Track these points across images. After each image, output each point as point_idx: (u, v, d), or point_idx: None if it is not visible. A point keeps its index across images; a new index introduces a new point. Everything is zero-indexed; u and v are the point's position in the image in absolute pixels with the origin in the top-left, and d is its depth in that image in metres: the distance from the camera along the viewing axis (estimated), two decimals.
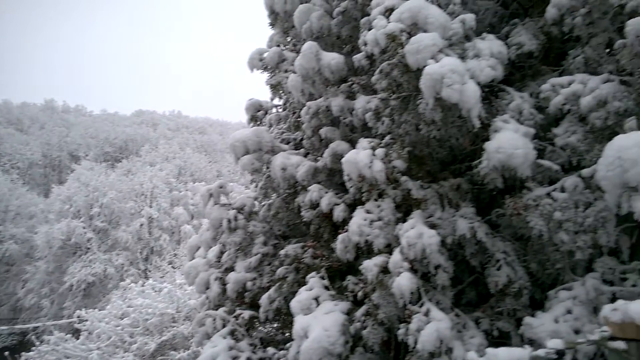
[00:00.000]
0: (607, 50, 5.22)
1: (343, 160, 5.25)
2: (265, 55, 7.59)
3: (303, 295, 5.44)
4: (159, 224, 43.39)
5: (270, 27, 8.01)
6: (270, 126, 9.13)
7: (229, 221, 7.11)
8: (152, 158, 58.13)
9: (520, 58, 5.90)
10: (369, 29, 5.51)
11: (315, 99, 6.72)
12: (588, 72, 5.36)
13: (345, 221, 5.70)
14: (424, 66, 4.85)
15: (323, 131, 6.43)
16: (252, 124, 9.33)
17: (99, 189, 40.86)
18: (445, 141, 5.86)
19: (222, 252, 7.61)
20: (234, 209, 7.34)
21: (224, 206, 7.40)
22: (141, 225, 41.81)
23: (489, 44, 5.30)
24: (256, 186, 7.78)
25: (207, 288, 7.32)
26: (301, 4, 7.81)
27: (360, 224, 5.17)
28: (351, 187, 5.39)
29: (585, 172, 4.56)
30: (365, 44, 5.53)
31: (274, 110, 9.24)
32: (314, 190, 6.06)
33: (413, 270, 4.86)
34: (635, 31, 4.22)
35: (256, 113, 9.22)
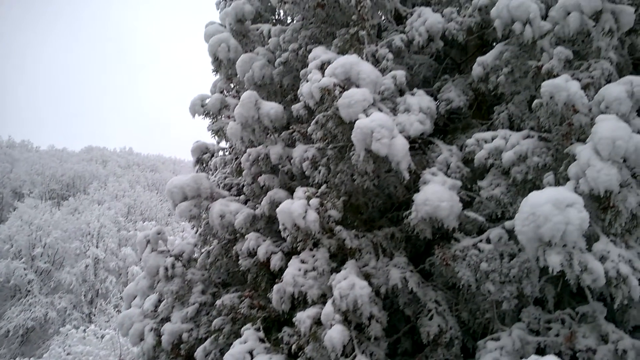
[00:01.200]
0: (529, 106, 5.54)
1: (278, 210, 5.26)
2: (207, 101, 7.62)
3: (237, 348, 5.31)
4: (106, 265, 41.74)
5: (214, 73, 8.07)
6: (216, 169, 9.09)
7: (166, 269, 6.93)
8: (100, 196, 56.45)
9: (450, 113, 6.18)
10: (306, 81, 5.65)
11: (256, 146, 6.76)
12: (512, 128, 5.68)
13: (282, 270, 5.66)
14: (356, 120, 5.00)
15: (262, 178, 6.44)
16: (197, 167, 9.27)
17: (42, 227, 39.10)
18: (381, 189, 6.01)
19: (159, 301, 7.37)
20: (172, 256, 7.17)
21: (161, 253, 7.22)
22: (86, 266, 40.10)
23: (419, 99, 5.53)
24: (196, 232, 7.65)
25: (142, 340, 7.03)
26: (245, 52, 7.97)
27: (294, 274, 5.15)
28: (287, 236, 5.39)
29: (508, 224, 4.74)
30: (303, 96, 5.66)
31: (221, 152, 9.22)
32: (251, 239, 6.02)
33: (346, 321, 4.85)
34: (549, 92, 4.50)
35: (202, 155, 9.18)
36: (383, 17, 6.69)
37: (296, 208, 5.11)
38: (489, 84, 5.59)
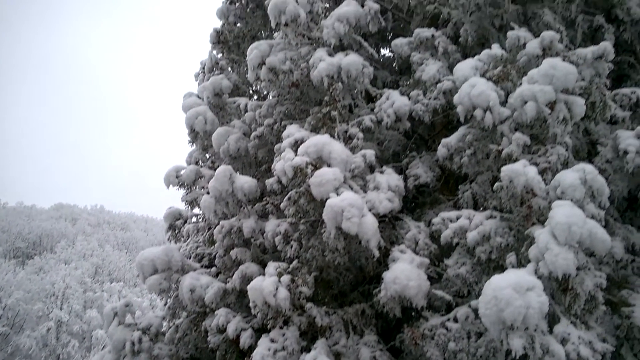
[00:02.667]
0: (492, 186, 5.80)
1: (249, 287, 5.27)
2: (182, 172, 7.73)
3: None
4: (69, 328, 39.88)
5: (190, 144, 8.24)
6: (188, 236, 9.05)
7: (133, 343, 6.74)
8: (67, 255, 54.76)
9: (418, 188, 6.41)
10: (280, 159, 5.83)
11: (229, 218, 6.83)
12: (476, 206, 5.92)
13: (252, 348, 5.58)
14: (327, 198, 5.16)
15: (234, 252, 6.47)
16: (170, 233, 9.21)
17: (4, 288, 37.49)
18: (352, 262, 6.09)
19: None
20: (139, 329, 6.99)
21: (128, 326, 7.04)
22: (48, 329, 38.23)
23: (387, 177, 5.75)
24: (165, 304, 7.52)
25: None
26: (221, 124, 8.20)
27: (264, 354, 5.09)
28: (257, 313, 5.37)
29: (474, 303, 4.85)
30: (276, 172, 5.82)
31: (194, 218, 9.22)
32: (221, 315, 5.96)
33: None
34: (509, 177, 4.76)
35: (175, 222, 9.13)
36: (354, 97, 7.01)
37: (267, 285, 5.13)
38: (454, 164, 5.85)
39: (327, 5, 7.28)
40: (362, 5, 7.14)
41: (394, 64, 8.69)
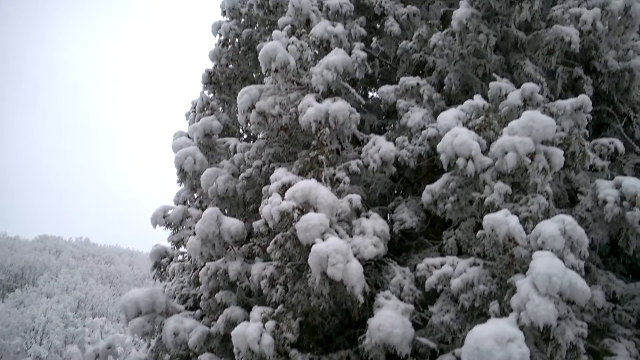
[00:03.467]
0: (475, 232, 5.89)
1: (233, 333, 5.25)
2: (169, 212, 7.75)
3: None
4: None
5: (179, 184, 8.28)
6: (174, 275, 8.98)
7: None
8: (50, 288, 53.60)
9: (403, 232, 6.48)
10: (267, 203, 5.89)
11: (215, 260, 6.82)
12: (460, 251, 5.99)
13: None
14: (313, 243, 5.21)
15: (219, 295, 6.45)
16: (155, 271, 9.13)
17: None
18: (338, 306, 6.08)
19: None
20: None
21: None
22: None
23: (373, 222, 5.83)
24: (148, 346, 7.41)
25: None
26: (210, 164, 8.28)
27: None
28: (241, 359, 5.32)
29: (457, 352, 4.86)
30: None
31: (180, 257, 9.17)
32: None
33: None
34: (491, 226, 4.86)
35: (160, 260, 9.08)
36: (341, 142, 7.14)
37: (251, 332, 5.11)
38: (438, 210, 5.95)
39: (317, 52, 7.47)
40: (350, 54, 7.38)
41: (381, 108, 8.88)
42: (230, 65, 10.47)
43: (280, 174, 6.28)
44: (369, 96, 10.41)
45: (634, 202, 5.34)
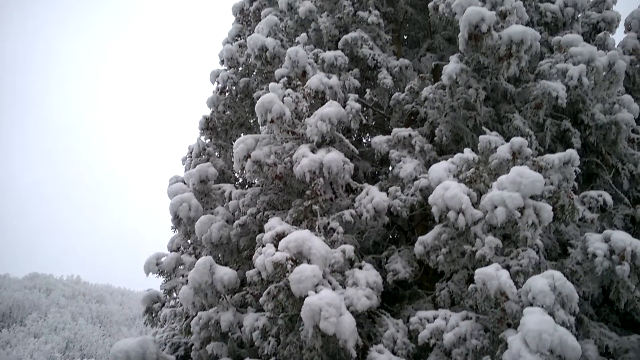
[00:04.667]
0: (468, 284, 5.92)
1: None
2: (163, 259, 7.75)
3: None
4: None
5: (173, 230, 8.31)
6: (165, 321, 8.89)
7: None
8: (38, 328, 52.47)
9: (397, 283, 6.50)
10: (260, 253, 5.93)
11: (207, 309, 6.79)
12: (453, 303, 6.00)
13: None
14: (306, 295, 5.22)
15: (211, 346, 6.40)
16: (147, 316, 9.03)
17: None
18: (331, 357, 6.02)
19: None
20: None
21: None
22: None
23: (366, 274, 5.86)
24: None
25: None
26: (205, 210, 8.34)
27: None
28: None
29: None
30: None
31: (172, 302, 9.09)
32: None
33: None
34: (482, 280, 4.91)
35: (152, 305, 8.99)
36: (335, 191, 7.24)
37: None
38: (430, 261, 6.00)
39: (312, 102, 7.65)
40: (344, 105, 7.57)
41: (375, 155, 9.03)
42: (227, 112, 10.70)
43: (275, 223, 6.34)
44: (363, 141, 10.62)
45: (623, 257, 5.42)
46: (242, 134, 11.37)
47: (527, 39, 6.57)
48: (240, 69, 10.69)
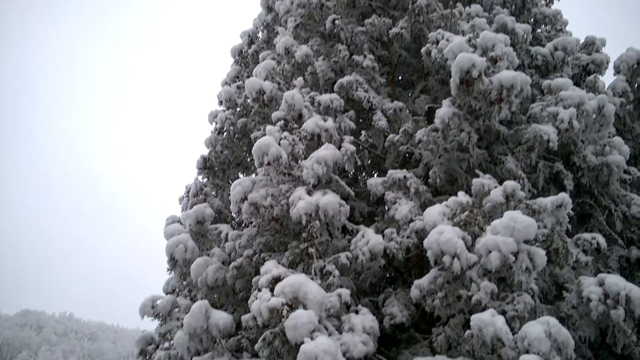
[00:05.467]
0: (464, 329, 5.90)
1: None
2: (158, 302, 7.70)
3: None
4: None
5: (169, 272, 8.28)
6: None
7: None
8: None
9: (393, 327, 6.46)
10: (256, 297, 5.91)
11: (202, 354, 6.71)
12: (450, 348, 5.96)
13: None
14: (302, 342, 5.19)
15: None
16: (140, 358, 8.89)
17: None
18: None
19: None
20: None
21: None
22: None
23: (362, 319, 5.84)
24: None
25: None
26: (202, 251, 8.33)
27: None
28: None
29: None
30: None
31: (167, 344, 8.96)
32: None
33: None
34: (478, 326, 4.91)
35: (146, 347, 8.86)
36: (331, 233, 7.27)
37: None
38: (427, 306, 5.99)
39: (309, 143, 7.76)
40: (340, 147, 7.69)
41: (371, 197, 9.11)
42: (225, 152, 10.82)
43: (271, 267, 6.35)
44: (359, 179, 10.71)
45: (617, 301, 5.43)
46: (239, 173, 11.48)
47: (517, 84, 6.73)
48: (238, 109, 10.88)
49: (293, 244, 6.99)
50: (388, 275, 8.20)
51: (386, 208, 7.54)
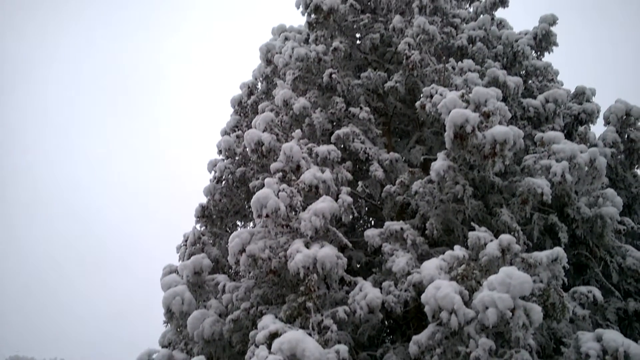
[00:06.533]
0: None
1: None
2: (154, 356, 7.63)
3: None
4: None
5: (165, 325, 8.22)
6: None
7: None
8: None
9: None
10: (253, 354, 5.87)
11: None
12: None
13: None
14: None
15: None
16: None
17: None
18: None
19: None
20: None
21: None
22: None
23: None
24: None
25: None
26: (198, 302, 8.29)
27: None
28: None
29: None
30: None
31: None
32: None
33: None
34: None
35: None
36: (329, 286, 7.28)
37: None
38: None
39: (307, 194, 7.86)
40: (337, 198, 7.80)
41: (368, 247, 9.16)
42: (224, 200, 10.91)
43: (268, 322, 6.33)
44: (357, 228, 10.77)
45: (616, 357, 5.41)
46: (237, 222, 11.54)
47: (510, 139, 6.90)
48: (237, 158, 11.04)
49: (291, 297, 6.99)
50: (386, 328, 8.14)
51: (383, 260, 7.57)
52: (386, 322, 7.93)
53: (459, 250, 6.42)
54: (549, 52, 11.91)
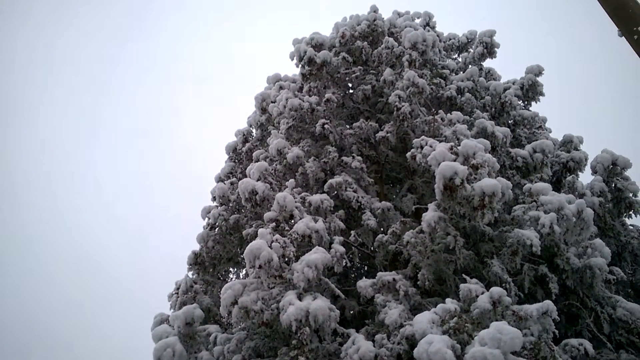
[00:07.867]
0: None
1: None
2: None
3: None
4: None
5: None
6: None
7: None
8: None
9: None
10: None
11: None
12: None
13: None
14: None
15: None
16: None
17: None
18: None
19: None
20: None
21: None
22: None
23: None
24: None
25: None
26: (189, 354, 8.19)
27: None
28: None
29: None
30: None
31: None
32: None
33: None
34: None
35: None
36: (321, 339, 7.24)
37: None
38: None
39: (300, 243, 7.91)
40: (330, 248, 7.86)
41: (360, 298, 9.15)
42: (217, 247, 10.93)
43: None
44: (349, 276, 10.76)
45: None
46: (230, 268, 11.53)
47: (498, 191, 7.06)
48: (231, 205, 11.12)
49: (282, 350, 6.95)
50: None
51: (376, 312, 7.56)
52: None
53: (450, 303, 6.45)
54: (536, 102, 12.26)
